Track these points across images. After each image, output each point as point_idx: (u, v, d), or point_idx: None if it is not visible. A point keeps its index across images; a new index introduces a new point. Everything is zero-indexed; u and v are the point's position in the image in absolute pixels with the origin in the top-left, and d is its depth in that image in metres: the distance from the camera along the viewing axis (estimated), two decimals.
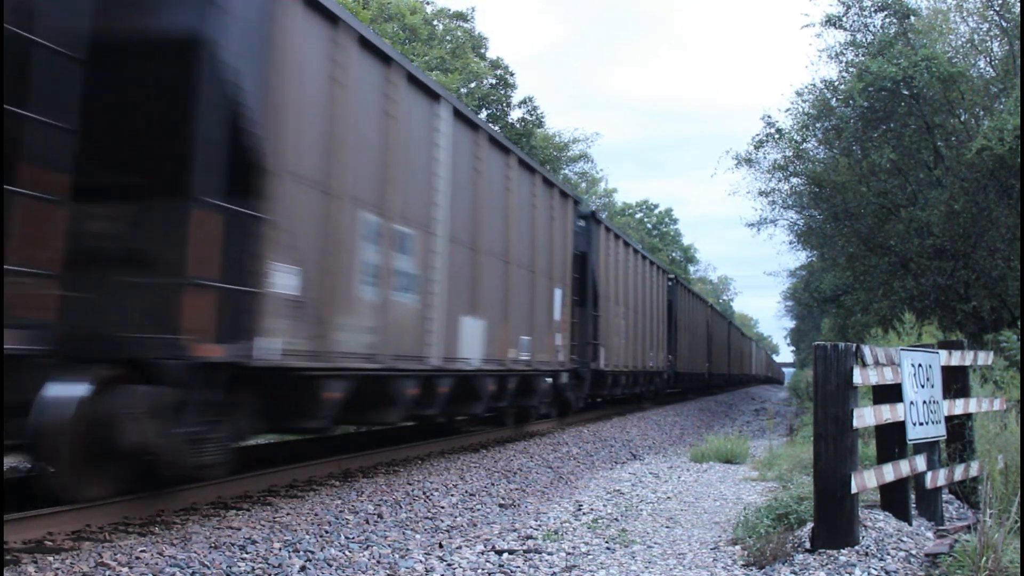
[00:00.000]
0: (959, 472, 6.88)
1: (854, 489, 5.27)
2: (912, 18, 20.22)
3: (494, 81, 31.67)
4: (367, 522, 6.76)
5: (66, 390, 5.63)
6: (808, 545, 5.43)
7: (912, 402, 6.08)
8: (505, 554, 6.01)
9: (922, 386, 6.25)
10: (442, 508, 7.64)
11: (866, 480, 5.47)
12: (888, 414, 5.90)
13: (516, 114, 32.90)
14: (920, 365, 6.27)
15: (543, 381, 14.01)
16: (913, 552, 5.28)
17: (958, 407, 7.01)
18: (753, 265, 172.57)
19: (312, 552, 5.70)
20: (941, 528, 6.15)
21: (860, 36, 20.83)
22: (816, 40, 44.02)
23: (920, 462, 6.25)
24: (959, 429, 7.24)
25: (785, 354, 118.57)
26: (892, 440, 6.19)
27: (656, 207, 68.77)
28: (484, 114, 31.31)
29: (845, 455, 5.30)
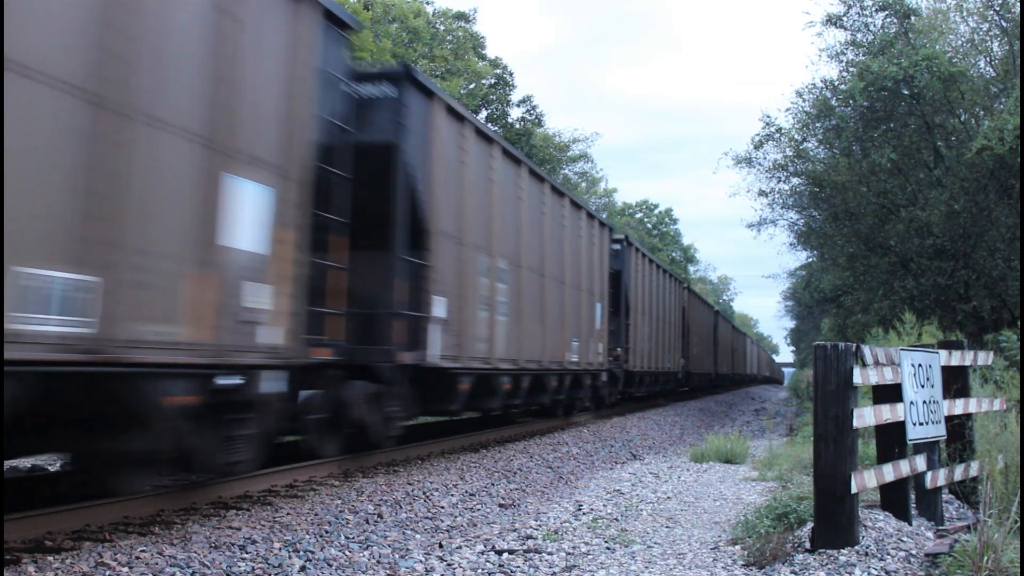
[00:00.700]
0: (959, 472, 6.88)
1: (854, 489, 5.27)
2: (912, 18, 20.23)
3: (493, 81, 31.68)
4: (367, 522, 6.76)
5: (308, 391, 7.78)
6: (808, 545, 5.43)
7: (912, 402, 6.08)
8: (505, 554, 6.01)
9: (922, 386, 6.24)
10: (442, 508, 7.64)
11: (866, 480, 5.47)
12: (888, 414, 5.90)
13: (515, 113, 32.92)
14: (920, 365, 6.26)
15: (588, 379, 17.15)
16: (913, 552, 5.28)
17: (958, 407, 7.00)
18: (753, 265, 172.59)
19: (312, 552, 5.70)
20: (941, 528, 6.15)
21: (860, 36, 20.85)
22: (817, 40, 44.07)
23: (920, 462, 6.25)
24: (959, 429, 7.24)
25: (785, 354, 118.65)
26: (892, 440, 6.19)
27: (656, 207, 68.77)
28: (484, 114, 31.33)
29: (845, 455, 5.30)
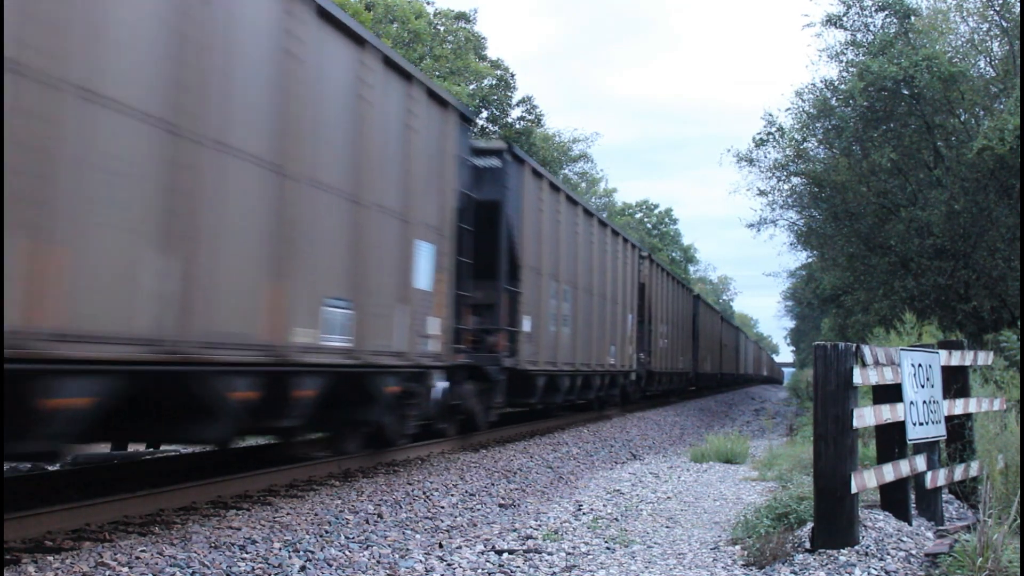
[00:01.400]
0: (959, 472, 6.87)
1: (854, 489, 5.27)
2: (912, 18, 20.21)
3: (494, 82, 31.69)
4: (367, 522, 6.76)
5: (442, 383, 10.15)
6: (808, 545, 5.43)
7: (912, 402, 6.07)
8: (505, 554, 6.00)
9: (922, 386, 6.24)
10: (442, 508, 7.64)
11: (866, 480, 5.46)
12: (888, 414, 5.90)
13: (515, 113, 32.92)
14: (920, 365, 6.26)
15: (621, 378, 20.42)
16: (913, 552, 5.28)
17: (958, 407, 7.00)
18: (753, 265, 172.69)
19: (312, 552, 5.70)
20: (941, 528, 6.15)
21: (860, 36, 20.83)
22: (816, 40, 43.88)
23: (920, 462, 6.25)
24: (959, 429, 7.24)
25: (785, 354, 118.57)
26: (892, 440, 6.19)
27: (656, 207, 68.72)
28: (484, 114, 31.34)
29: (845, 455, 5.30)
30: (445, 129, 9.99)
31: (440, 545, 6.29)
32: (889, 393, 6.05)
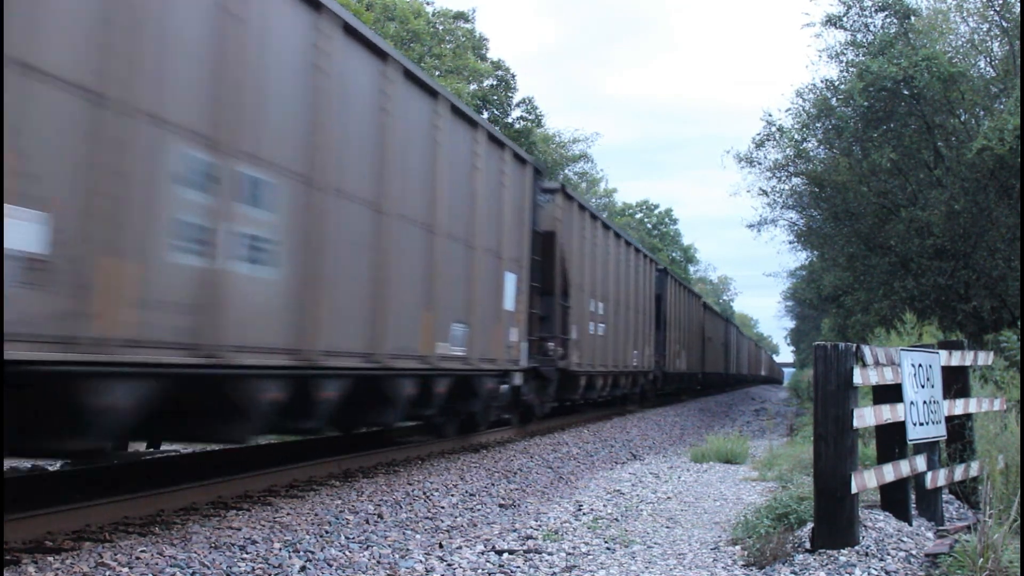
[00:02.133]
0: (959, 472, 6.87)
1: (854, 489, 5.27)
2: (912, 18, 20.20)
3: (494, 82, 31.69)
4: (367, 522, 6.76)
5: (517, 382, 12.53)
6: (808, 545, 5.43)
7: (912, 402, 6.07)
8: (505, 554, 6.00)
9: (922, 386, 6.24)
10: (442, 508, 7.64)
11: (866, 480, 5.46)
12: (888, 414, 5.90)
13: (515, 113, 32.92)
14: (920, 365, 6.26)
15: (642, 377, 23.06)
16: (913, 552, 5.28)
17: (958, 407, 7.00)
18: (753, 265, 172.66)
19: (312, 552, 5.70)
20: (941, 528, 6.15)
21: (860, 36, 20.81)
22: (816, 40, 43.84)
23: (920, 462, 6.24)
24: (959, 429, 7.24)
25: (785, 354, 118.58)
26: (892, 440, 6.19)
27: (656, 207, 68.70)
28: (485, 115, 31.33)
29: (845, 455, 5.30)
30: (523, 181, 12.68)
31: (440, 545, 6.29)
32: (889, 393, 6.05)
